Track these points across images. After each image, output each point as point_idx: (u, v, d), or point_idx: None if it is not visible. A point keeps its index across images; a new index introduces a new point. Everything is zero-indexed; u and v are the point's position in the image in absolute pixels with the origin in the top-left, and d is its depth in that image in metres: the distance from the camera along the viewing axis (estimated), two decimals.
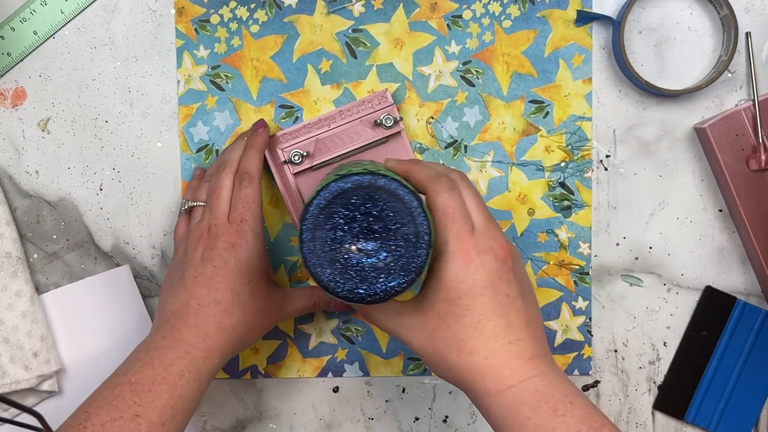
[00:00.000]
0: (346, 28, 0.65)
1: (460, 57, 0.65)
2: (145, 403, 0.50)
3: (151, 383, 0.51)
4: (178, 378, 0.52)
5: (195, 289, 0.56)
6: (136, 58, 0.65)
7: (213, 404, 0.68)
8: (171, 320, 0.56)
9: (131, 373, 0.52)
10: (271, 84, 0.65)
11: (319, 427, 0.68)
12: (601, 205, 0.67)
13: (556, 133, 0.66)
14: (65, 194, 0.66)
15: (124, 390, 0.51)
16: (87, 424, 0.49)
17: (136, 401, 0.50)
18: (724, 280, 0.67)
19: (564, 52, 0.65)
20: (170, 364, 0.52)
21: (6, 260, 0.63)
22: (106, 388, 0.52)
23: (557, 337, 0.67)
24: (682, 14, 0.65)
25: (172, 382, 0.52)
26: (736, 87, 0.66)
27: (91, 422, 0.49)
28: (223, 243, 0.57)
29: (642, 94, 0.66)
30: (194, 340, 0.54)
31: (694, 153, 0.66)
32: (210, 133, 0.66)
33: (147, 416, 0.50)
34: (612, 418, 0.68)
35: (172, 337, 0.54)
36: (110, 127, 0.66)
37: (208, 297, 0.56)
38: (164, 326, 0.56)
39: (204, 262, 0.57)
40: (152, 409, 0.50)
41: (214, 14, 0.65)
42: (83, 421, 0.49)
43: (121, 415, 0.49)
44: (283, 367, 0.67)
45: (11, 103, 0.65)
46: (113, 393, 0.51)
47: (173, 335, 0.54)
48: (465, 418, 0.68)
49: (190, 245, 0.58)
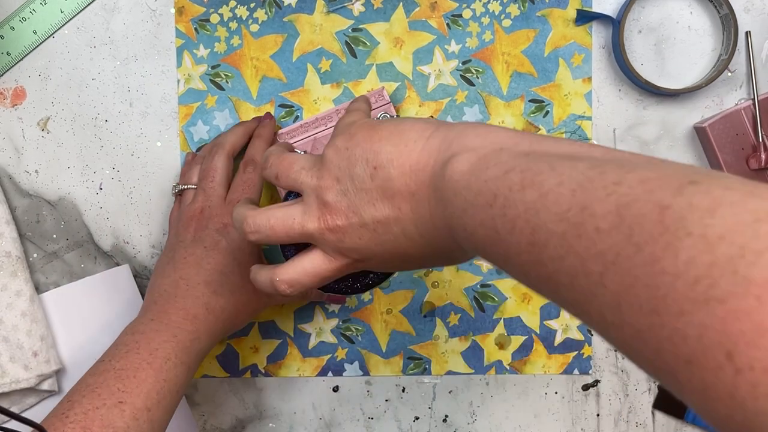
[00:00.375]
0: (345, 28, 0.65)
1: (460, 56, 0.65)
2: (129, 389, 0.50)
3: (136, 369, 0.51)
4: (164, 362, 0.52)
5: (184, 270, 0.56)
6: (135, 57, 0.65)
7: (213, 404, 0.68)
8: (159, 301, 0.55)
9: (116, 359, 0.51)
10: (270, 83, 0.65)
11: (319, 426, 0.68)
12: None
13: (556, 132, 0.66)
14: (65, 194, 0.66)
15: (109, 377, 0.50)
16: (69, 413, 0.48)
17: (120, 387, 0.50)
18: None
19: (564, 51, 0.65)
20: (156, 348, 0.52)
21: (6, 259, 0.63)
22: (91, 376, 0.51)
23: (557, 336, 0.67)
24: (682, 13, 0.65)
25: (158, 366, 0.51)
26: (736, 86, 0.66)
27: (73, 411, 0.48)
28: (216, 224, 0.57)
29: (642, 94, 0.66)
30: (182, 322, 0.54)
31: (694, 152, 0.66)
32: (210, 132, 0.66)
33: (131, 402, 0.49)
34: (612, 418, 0.68)
35: (159, 319, 0.54)
36: (110, 126, 0.66)
37: (197, 278, 0.56)
38: (152, 308, 0.55)
39: (195, 243, 0.57)
40: (137, 395, 0.50)
41: (214, 13, 0.65)
42: (66, 410, 0.48)
43: (104, 402, 0.49)
44: (283, 366, 0.67)
45: (11, 103, 0.65)
46: (97, 380, 0.50)
47: (160, 318, 0.54)
48: (465, 418, 0.68)
49: (181, 226, 0.58)
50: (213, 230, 0.57)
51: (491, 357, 0.67)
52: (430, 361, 0.67)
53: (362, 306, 0.67)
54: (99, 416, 0.48)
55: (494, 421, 0.68)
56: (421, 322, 0.67)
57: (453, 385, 0.68)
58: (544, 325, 0.67)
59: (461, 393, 0.67)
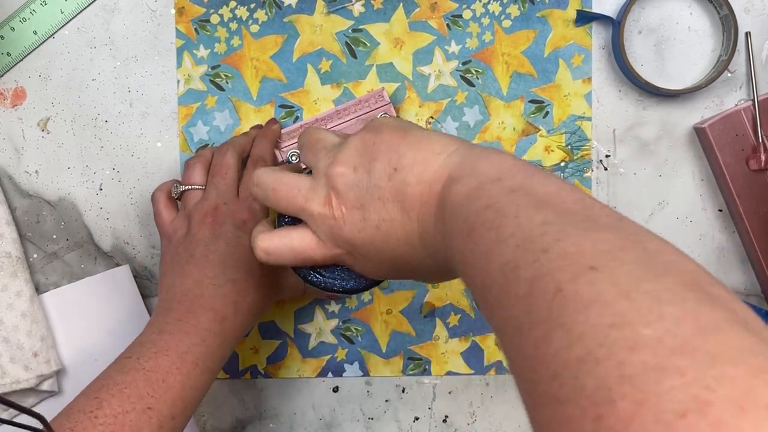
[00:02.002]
0: (346, 28, 0.65)
1: (460, 57, 0.65)
2: (157, 394, 0.49)
3: (165, 373, 0.50)
4: (192, 367, 0.51)
5: (207, 268, 0.54)
6: (136, 58, 0.65)
7: (213, 404, 0.68)
8: (184, 301, 0.54)
9: (144, 358, 0.50)
10: (271, 84, 0.65)
11: (319, 427, 0.68)
12: None
13: (555, 132, 0.66)
14: (65, 194, 0.66)
15: (138, 377, 0.49)
16: (98, 414, 0.47)
17: (149, 392, 0.49)
18: (724, 280, 0.67)
19: (564, 51, 0.65)
20: (185, 351, 0.51)
21: (6, 260, 0.63)
22: (118, 373, 0.50)
23: None
24: (682, 14, 0.65)
25: (186, 372, 0.50)
26: (735, 87, 0.66)
27: (103, 412, 0.47)
28: (236, 220, 0.56)
29: (642, 94, 0.66)
30: (210, 324, 0.53)
31: (694, 153, 0.66)
32: (210, 133, 0.66)
33: (158, 409, 0.48)
34: None
35: (187, 320, 0.52)
36: (110, 126, 0.66)
37: (223, 276, 0.54)
38: (176, 307, 0.53)
39: (215, 240, 0.55)
40: (164, 401, 0.49)
41: (214, 14, 0.65)
42: (94, 409, 0.47)
43: (133, 406, 0.48)
44: (283, 367, 0.67)
45: (11, 103, 0.65)
46: (126, 379, 0.49)
47: (188, 318, 0.53)
48: (465, 418, 0.68)
49: (194, 224, 0.57)
50: (232, 227, 0.56)
51: (491, 357, 0.67)
52: (430, 362, 0.67)
53: (362, 306, 0.67)
54: (128, 421, 0.47)
55: (494, 421, 0.68)
56: (421, 323, 0.67)
57: (453, 385, 0.68)
58: None
59: (461, 393, 0.67)
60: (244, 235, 0.56)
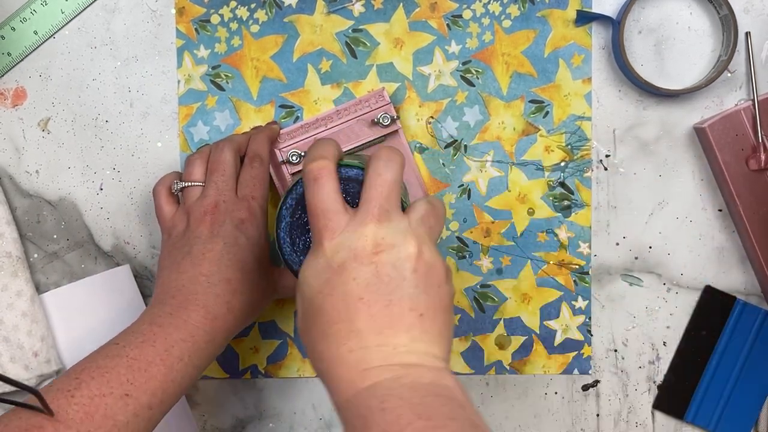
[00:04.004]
0: (346, 28, 0.65)
1: (460, 57, 0.66)
2: (138, 383, 0.49)
3: (148, 362, 0.50)
4: (177, 361, 0.51)
5: (203, 266, 0.55)
6: (136, 58, 0.65)
7: (213, 404, 0.68)
8: (177, 296, 0.54)
9: (130, 346, 0.51)
10: (271, 84, 0.65)
11: (319, 427, 0.68)
12: (600, 204, 0.67)
13: (555, 132, 0.66)
14: (65, 194, 0.66)
15: (120, 363, 0.50)
16: (76, 393, 0.48)
17: (129, 379, 0.49)
18: (723, 280, 0.67)
19: (564, 51, 0.66)
20: (172, 345, 0.51)
21: (6, 260, 0.63)
22: (102, 357, 0.50)
23: (557, 336, 0.67)
24: (682, 14, 0.66)
25: (170, 365, 0.51)
26: (735, 87, 0.66)
27: (80, 392, 0.48)
28: (234, 219, 0.57)
29: (642, 94, 0.66)
30: (201, 321, 0.53)
31: (694, 153, 0.66)
32: (210, 133, 0.66)
33: (136, 397, 0.49)
34: (612, 418, 0.68)
35: (178, 315, 0.53)
36: (110, 126, 0.66)
37: (218, 275, 0.55)
38: (170, 302, 0.54)
39: (213, 238, 0.56)
40: (143, 391, 0.49)
41: (215, 14, 0.65)
42: (72, 388, 0.48)
43: (111, 391, 0.48)
44: (283, 366, 0.67)
45: (11, 103, 0.65)
46: (108, 364, 0.50)
47: (180, 314, 0.53)
48: None
49: (193, 221, 0.57)
50: (231, 226, 0.56)
51: (491, 357, 0.67)
52: None
53: None
54: (104, 405, 0.48)
55: (494, 421, 0.68)
56: None
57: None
58: (544, 326, 0.67)
59: None
60: (241, 234, 0.57)
